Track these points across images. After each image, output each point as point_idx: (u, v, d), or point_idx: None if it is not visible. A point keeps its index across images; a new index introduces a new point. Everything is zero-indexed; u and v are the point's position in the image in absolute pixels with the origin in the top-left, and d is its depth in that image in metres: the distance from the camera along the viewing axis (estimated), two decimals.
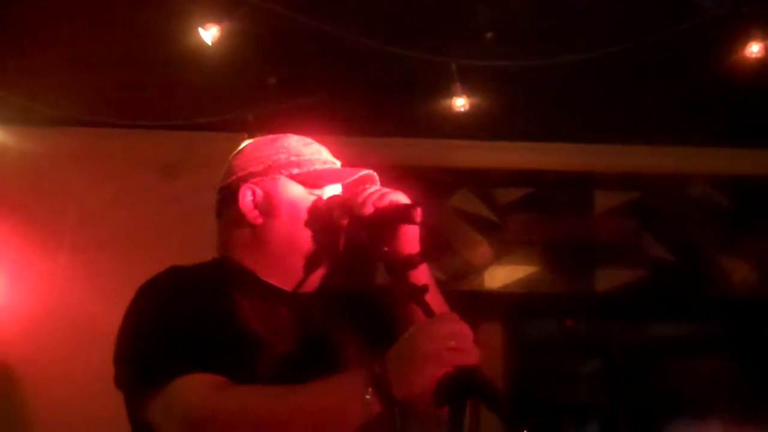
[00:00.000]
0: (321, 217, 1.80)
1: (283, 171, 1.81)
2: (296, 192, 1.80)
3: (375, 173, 1.85)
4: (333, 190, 1.84)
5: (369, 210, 1.72)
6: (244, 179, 1.81)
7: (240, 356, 1.61)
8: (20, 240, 3.68)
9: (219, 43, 2.90)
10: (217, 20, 2.87)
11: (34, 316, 3.61)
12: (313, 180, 1.81)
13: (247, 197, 1.78)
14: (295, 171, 1.81)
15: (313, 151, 1.86)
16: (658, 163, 3.97)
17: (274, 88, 3.37)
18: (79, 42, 3.16)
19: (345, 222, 1.79)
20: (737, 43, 2.97)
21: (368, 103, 3.57)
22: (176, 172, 3.72)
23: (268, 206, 1.79)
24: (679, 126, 3.74)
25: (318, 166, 1.84)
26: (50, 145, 3.73)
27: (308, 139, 1.91)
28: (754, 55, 2.98)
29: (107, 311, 3.44)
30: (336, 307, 1.85)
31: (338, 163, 1.90)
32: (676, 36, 2.88)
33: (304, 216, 1.79)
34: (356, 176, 1.82)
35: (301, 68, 3.31)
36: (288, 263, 1.79)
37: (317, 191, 1.81)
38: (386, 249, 1.75)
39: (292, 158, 1.83)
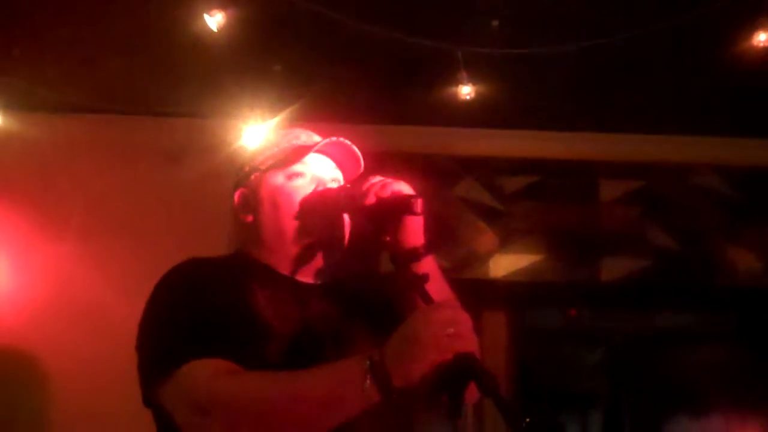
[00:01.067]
0: (325, 208, 1.83)
1: (261, 167, 1.91)
2: (274, 182, 1.89)
3: (348, 141, 1.90)
4: (308, 168, 1.89)
5: (371, 200, 1.74)
6: (239, 184, 1.94)
7: (249, 343, 1.66)
8: (24, 226, 3.69)
9: (224, 29, 2.89)
10: (222, 7, 2.87)
11: (39, 303, 3.61)
12: (279, 164, 1.89)
13: (238, 200, 1.93)
14: (270, 163, 1.91)
15: (291, 137, 1.94)
16: (663, 152, 3.96)
17: (279, 75, 3.36)
18: (83, 28, 3.15)
19: (350, 212, 1.82)
20: (744, 32, 2.96)
21: (373, 90, 3.56)
22: (180, 159, 3.72)
23: (253, 204, 1.90)
24: (684, 115, 3.73)
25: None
26: (54, 131, 3.73)
27: (295, 129, 1.99)
28: (761, 44, 2.97)
29: (111, 297, 3.51)
30: (345, 297, 1.88)
31: (331, 140, 1.93)
32: (683, 24, 2.87)
33: (285, 203, 1.86)
34: (320, 145, 1.88)
35: (306, 55, 3.30)
36: (285, 252, 1.87)
37: (296, 176, 1.85)
38: (388, 239, 1.77)
39: (267, 152, 1.94)
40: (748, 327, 4.38)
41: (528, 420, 1.36)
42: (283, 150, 1.92)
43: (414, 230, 1.79)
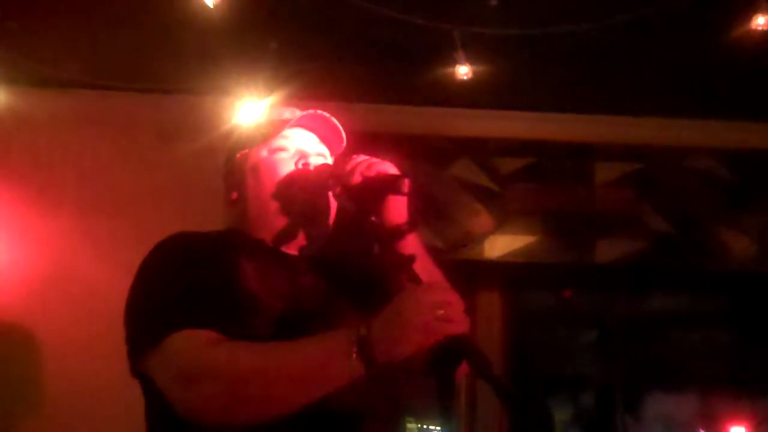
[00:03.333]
0: (308, 184, 1.84)
1: (244, 144, 1.95)
2: (257, 157, 1.91)
3: (327, 114, 1.92)
4: (291, 143, 1.91)
5: (357, 179, 1.74)
6: (225, 163, 1.97)
7: (236, 315, 1.65)
8: (17, 201, 3.68)
9: (220, 5, 2.88)
10: None
11: (32, 278, 3.62)
12: (260, 139, 1.92)
13: (224, 179, 1.96)
14: (251, 139, 1.94)
15: (274, 114, 1.96)
16: (660, 135, 3.95)
17: (275, 52, 3.35)
18: (79, 3, 3.14)
19: (334, 190, 1.82)
20: (743, 15, 2.95)
21: (370, 69, 3.55)
22: (175, 136, 3.71)
23: (238, 180, 1.93)
24: (682, 98, 3.72)
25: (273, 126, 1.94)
26: (49, 106, 3.72)
27: (280, 108, 2.03)
28: (760, 28, 2.96)
29: (104, 272, 3.51)
30: (333, 272, 1.88)
31: (310, 112, 1.95)
32: (681, 7, 2.86)
33: (268, 177, 1.87)
34: (297, 117, 1.91)
35: (303, 33, 3.28)
36: (269, 226, 1.89)
37: (279, 151, 1.88)
38: (373, 219, 1.77)
39: (253, 130, 1.98)
40: (741, 310, 4.39)
41: (520, 400, 1.37)
42: (265, 125, 1.93)
43: (397, 209, 1.79)
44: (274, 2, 3.07)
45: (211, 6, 2.87)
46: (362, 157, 1.79)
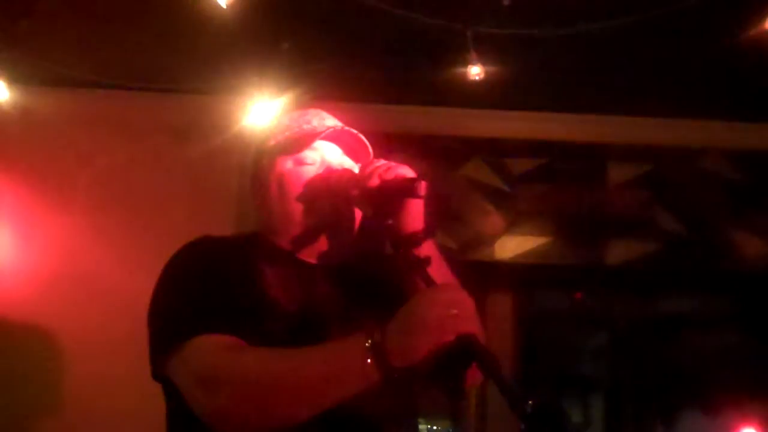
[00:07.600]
0: (329, 190, 1.85)
1: (270, 152, 1.95)
2: (282, 166, 1.92)
3: (354, 131, 1.93)
4: (317, 154, 1.92)
5: (375, 182, 1.75)
6: (251, 168, 2.00)
7: (256, 321, 1.68)
8: (30, 200, 3.69)
9: (233, 6, 2.88)
10: None
11: (45, 277, 3.63)
12: (286, 150, 1.92)
13: (252, 184, 1.99)
14: (278, 148, 1.94)
15: (302, 121, 1.96)
16: (672, 135, 3.94)
17: (288, 52, 3.35)
18: (91, 2, 3.15)
19: (353, 194, 1.83)
20: (754, 16, 2.94)
21: (382, 69, 3.55)
22: (187, 136, 3.72)
23: (262, 187, 1.95)
24: (694, 99, 3.71)
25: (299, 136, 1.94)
26: (61, 105, 3.73)
27: (308, 112, 2.00)
28: None
29: (117, 272, 3.52)
30: (350, 277, 1.90)
31: (338, 127, 1.95)
32: (693, 7, 2.85)
33: (292, 187, 1.89)
34: (325, 133, 1.91)
35: (315, 33, 3.29)
36: (292, 234, 1.89)
37: (305, 161, 1.88)
38: (390, 223, 1.78)
39: (279, 136, 1.97)
40: (753, 312, 4.37)
41: (531, 402, 1.36)
42: (292, 134, 1.93)
43: (415, 214, 1.80)
44: (286, 2, 3.08)
45: (224, 6, 2.88)
46: (381, 161, 1.79)
